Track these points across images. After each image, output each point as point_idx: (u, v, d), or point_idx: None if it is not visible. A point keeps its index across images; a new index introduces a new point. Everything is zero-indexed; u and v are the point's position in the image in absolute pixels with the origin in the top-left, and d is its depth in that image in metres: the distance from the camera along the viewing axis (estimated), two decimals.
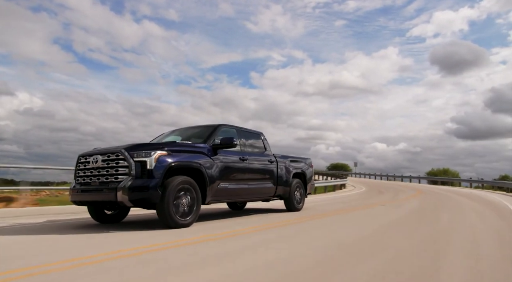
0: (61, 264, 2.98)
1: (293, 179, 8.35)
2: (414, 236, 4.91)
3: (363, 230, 5.42)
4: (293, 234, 4.94)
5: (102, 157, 5.22)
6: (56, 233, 4.93)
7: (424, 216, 7.46)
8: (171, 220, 5.13)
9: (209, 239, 4.36)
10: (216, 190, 5.99)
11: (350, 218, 7.25)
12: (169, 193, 5.07)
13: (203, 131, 6.71)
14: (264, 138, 8.02)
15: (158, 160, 5.10)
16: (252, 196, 7.26)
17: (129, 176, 4.96)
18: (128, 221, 6.48)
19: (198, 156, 5.79)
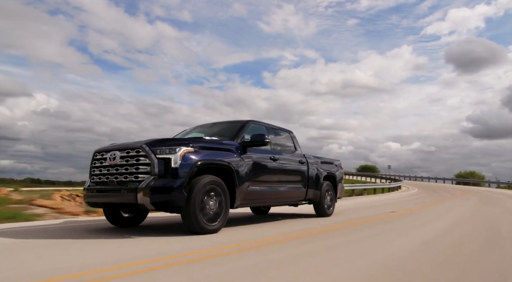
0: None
1: (324, 182, 7.66)
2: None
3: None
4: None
5: (121, 153, 4.64)
6: (71, 237, 4.36)
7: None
8: (198, 225, 4.51)
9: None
10: (246, 193, 5.36)
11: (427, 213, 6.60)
12: (195, 195, 4.46)
13: (230, 128, 6.09)
14: (294, 137, 7.37)
15: (184, 157, 4.50)
16: (282, 200, 6.60)
17: (151, 175, 4.37)
18: (144, 224, 5.90)
19: (227, 153, 5.17)
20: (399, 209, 9.60)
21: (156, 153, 4.44)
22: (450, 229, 5.77)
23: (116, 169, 4.65)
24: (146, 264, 2.94)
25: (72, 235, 4.59)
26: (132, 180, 4.45)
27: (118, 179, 4.59)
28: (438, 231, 5.43)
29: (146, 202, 4.29)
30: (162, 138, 4.82)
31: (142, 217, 5.80)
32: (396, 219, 7.21)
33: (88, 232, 4.93)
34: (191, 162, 4.52)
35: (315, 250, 3.82)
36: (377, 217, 7.53)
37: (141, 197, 4.27)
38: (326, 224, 6.15)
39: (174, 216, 7.19)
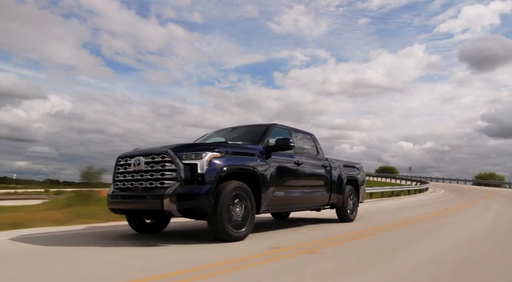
0: None
1: (346, 186, 7.47)
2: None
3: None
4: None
5: (145, 159, 4.54)
6: (99, 244, 4.27)
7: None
8: (224, 232, 4.39)
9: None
10: (271, 198, 5.22)
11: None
12: (222, 201, 4.34)
13: (253, 132, 5.96)
14: (316, 140, 7.21)
15: (210, 162, 4.38)
16: (306, 205, 6.45)
17: (177, 181, 4.25)
18: (166, 231, 5.80)
19: (251, 158, 5.04)
20: (439, 209, 10.95)
21: (182, 158, 4.33)
22: (496, 220, 7.97)
23: (140, 175, 4.55)
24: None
25: (100, 242, 4.50)
26: (157, 186, 4.35)
27: (143, 185, 4.49)
28: (491, 220, 7.83)
29: (173, 209, 4.18)
30: (187, 144, 4.71)
31: (164, 223, 5.69)
32: (448, 215, 9.00)
33: (113, 238, 4.84)
34: (218, 168, 4.40)
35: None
36: (429, 215, 9.07)
37: (168, 204, 4.16)
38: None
39: (194, 222, 7.08)
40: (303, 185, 6.09)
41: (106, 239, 4.77)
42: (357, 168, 8.32)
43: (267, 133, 5.70)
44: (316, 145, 7.09)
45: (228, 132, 6.61)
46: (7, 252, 3.88)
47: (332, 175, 7.00)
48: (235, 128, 6.72)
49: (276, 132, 5.93)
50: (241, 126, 6.65)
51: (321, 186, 6.66)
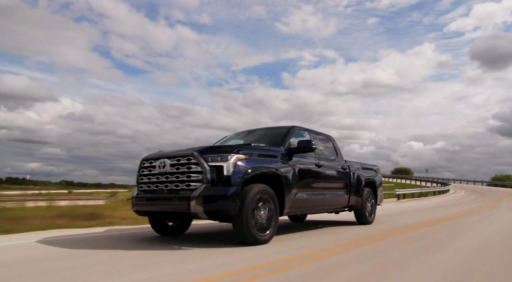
0: None
1: (365, 188, 7.43)
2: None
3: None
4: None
5: (171, 161, 4.55)
6: (124, 247, 4.28)
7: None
8: (250, 235, 4.37)
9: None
10: (293, 200, 5.19)
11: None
12: (248, 204, 4.32)
13: (274, 134, 5.95)
14: (335, 142, 7.18)
15: (236, 165, 4.37)
16: (326, 207, 6.40)
17: (203, 183, 4.25)
18: (188, 233, 5.80)
19: (275, 160, 5.03)
20: (472, 208, 12.60)
21: (208, 160, 4.33)
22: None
23: (166, 177, 4.55)
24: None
25: (128, 244, 4.52)
26: (183, 188, 4.35)
27: (168, 187, 4.50)
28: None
29: (199, 211, 4.17)
30: (212, 146, 4.72)
31: (186, 226, 5.70)
32: (482, 212, 10.67)
33: (139, 241, 4.86)
34: (243, 170, 4.39)
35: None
36: (468, 211, 10.99)
37: (194, 206, 4.16)
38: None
39: (212, 224, 7.08)
40: (323, 187, 6.06)
41: (131, 242, 4.79)
42: (375, 170, 8.26)
43: (288, 135, 5.69)
44: (335, 147, 7.06)
45: (247, 135, 6.61)
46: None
47: (351, 177, 6.96)
48: (254, 130, 6.72)
49: (296, 134, 5.92)
50: (260, 129, 6.64)
51: (340, 188, 6.63)
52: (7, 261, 3.55)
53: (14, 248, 4.35)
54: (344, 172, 6.77)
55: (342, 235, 5.69)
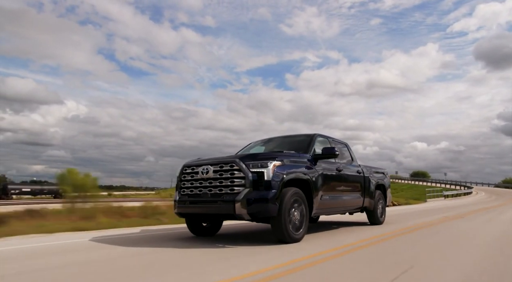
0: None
1: (376, 190, 7.97)
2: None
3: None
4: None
5: (214, 168, 5.01)
6: (176, 246, 4.72)
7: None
8: (287, 234, 4.84)
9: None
10: (320, 202, 5.69)
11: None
12: (285, 206, 4.81)
13: (298, 141, 6.45)
14: (350, 148, 7.71)
15: (275, 171, 4.85)
16: (345, 208, 6.92)
17: (246, 187, 4.72)
18: (219, 234, 6.25)
19: (304, 166, 5.52)
20: (501, 203, 19.40)
21: (250, 167, 4.80)
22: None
23: (209, 182, 5.01)
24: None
25: (172, 244, 4.96)
26: (227, 192, 4.81)
27: (212, 192, 4.95)
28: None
29: (244, 213, 4.64)
30: (252, 154, 5.20)
31: (218, 227, 6.16)
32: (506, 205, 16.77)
33: (178, 240, 5.28)
34: (281, 175, 4.87)
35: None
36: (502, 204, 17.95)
37: (239, 208, 4.62)
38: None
39: (236, 225, 7.53)
40: (343, 189, 6.58)
41: (173, 241, 5.22)
42: (384, 173, 8.81)
43: (312, 142, 6.19)
44: (350, 153, 7.59)
45: (268, 142, 7.12)
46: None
47: (365, 181, 7.49)
48: (275, 138, 7.23)
49: (319, 142, 6.43)
50: (283, 136, 7.14)
51: (357, 190, 7.15)
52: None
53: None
54: (359, 176, 7.30)
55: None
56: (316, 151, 6.08)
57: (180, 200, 5.32)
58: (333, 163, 6.44)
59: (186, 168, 5.40)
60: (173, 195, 5.83)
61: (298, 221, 5.10)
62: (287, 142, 6.76)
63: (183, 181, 5.39)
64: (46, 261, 3.84)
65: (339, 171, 6.45)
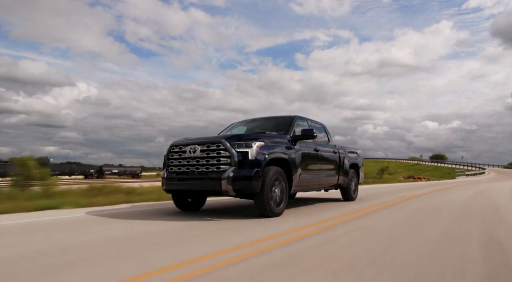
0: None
1: (350, 169, 8.52)
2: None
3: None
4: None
5: (201, 147, 5.32)
6: (163, 219, 5.07)
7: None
8: (268, 209, 5.27)
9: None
10: (298, 180, 6.13)
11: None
12: (267, 183, 5.21)
13: (279, 123, 6.82)
14: (327, 129, 8.16)
15: (258, 151, 5.22)
16: (321, 185, 7.42)
17: (231, 166, 5.08)
18: (205, 209, 6.64)
19: (284, 146, 5.91)
20: (505, 179, 29.28)
21: (235, 147, 5.15)
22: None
23: (197, 160, 5.33)
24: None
25: (167, 217, 5.30)
26: (214, 170, 5.16)
27: (199, 170, 5.29)
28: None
29: (229, 189, 5.02)
30: (237, 134, 5.52)
31: (202, 203, 6.53)
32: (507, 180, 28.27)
33: (169, 214, 5.63)
34: (263, 155, 5.25)
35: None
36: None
37: (225, 185, 5.00)
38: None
39: (219, 201, 7.93)
40: (320, 168, 7.06)
41: (164, 216, 5.56)
42: (358, 153, 9.37)
43: (292, 124, 6.58)
44: (327, 133, 8.05)
45: (251, 123, 7.47)
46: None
47: (340, 160, 8.00)
48: (257, 119, 7.59)
49: (298, 124, 6.83)
50: (263, 118, 7.51)
51: (332, 169, 7.66)
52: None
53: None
54: (335, 155, 7.79)
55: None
56: (296, 132, 6.48)
57: (168, 177, 5.64)
58: (311, 143, 6.87)
59: (174, 147, 5.69)
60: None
61: (278, 197, 5.53)
62: (269, 123, 7.13)
63: (170, 159, 5.69)
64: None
65: (317, 151, 6.90)
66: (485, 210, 6.67)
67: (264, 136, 5.62)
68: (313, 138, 6.48)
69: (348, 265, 2.70)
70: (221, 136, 5.39)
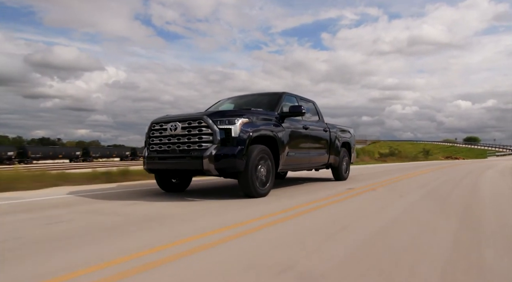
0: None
1: (341, 148, 8.30)
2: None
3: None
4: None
5: (182, 124, 5.05)
6: (153, 199, 4.85)
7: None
8: (253, 189, 5.04)
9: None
10: (286, 159, 5.90)
11: None
12: (252, 162, 4.97)
13: (267, 99, 6.53)
14: (317, 106, 7.89)
15: (242, 127, 4.95)
16: (310, 165, 7.20)
17: (213, 144, 4.83)
18: (190, 189, 6.42)
19: (271, 123, 5.65)
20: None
21: (217, 123, 4.87)
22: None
23: (178, 138, 5.07)
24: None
25: (154, 198, 5.08)
26: (195, 149, 4.90)
27: (180, 148, 5.03)
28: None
29: (211, 168, 4.77)
30: (219, 111, 5.24)
31: (187, 183, 6.30)
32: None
33: (155, 195, 5.41)
34: (248, 132, 4.98)
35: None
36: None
37: (207, 163, 4.75)
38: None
39: (203, 182, 7.72)
40: (309, 146, 6.82)
41: (150, 196, 5.34)
42: (350, 132, 9.14)
43: (280, 101, 6.29)
44: (318, 111, 7.78)
45: (239, 99, 7.16)
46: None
47: (331, 138, 7.77)
48: (245, 95, 7.29)
49: (287, 100, 6.54)
50: (251, 94, 7.21)
51: (323, 147, 7.43)
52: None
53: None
54: (325, 134, 7.55)
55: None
56: (284, 109, 6.21)
57: (149, 156, 5.38)
58: (300, 121, 6.61)
59: (154, 124, 5.41)
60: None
61: (264, 176, 5.30)
62: (256, 100, 6.83)
63: (151, 137, 5.42)
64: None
65: (306, 129, 6.65)
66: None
67: (249, 113, 5.35)
68: (301, 115, 6.22)
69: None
70: (203, 113, 5.11)
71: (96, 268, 2.00)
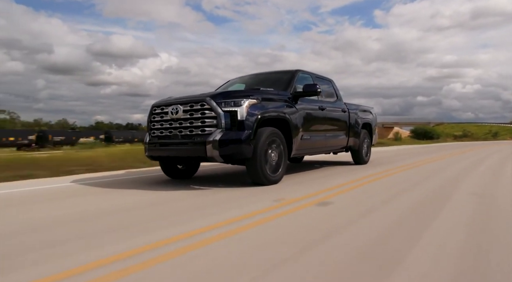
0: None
1: (362, 130, 7.72)
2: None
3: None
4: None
5: (184, 107, 4.61)
6: (158, 188, 4.49)
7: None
8: (263, 176, 4.60)
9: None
10: (300, 142, 5.42)
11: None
12: (260, 147, 4.51)
13: (279, 78, 5.99)
14: (335, 85, 7.29)
15: (249, 109, 4.47)
16: (328, 148, 6.69)
17: (218, 128, 4.38)
18: (197, 176, 6.04)
19: (283, 104, 5.15)
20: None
21: (221, 106, 4.41)
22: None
23: (179, 122, 4.64)
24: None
25: (157, 186, 4.73)
26: (198, 134, 4.47)
27: (182, 133, 4.61)
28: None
29: (216, 155, 4.34)
30: (225, 91, 4.77)
31: (194, 169, 5.91)
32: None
33: (158, 183, 5.06)
34: (256, 114, 4.51)
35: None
36: None
37: (211, 150, 4.31)
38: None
39: (211, 168, 7.34)
40: (326, 129, 6.29)
41: (151, 184, 4.99)
42: (371, 112, 8.51)
43: (293, 79, 5.75)
44: (335, 90, 7.19)
45: (250, 79, 6.64)
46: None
47: (350, 119, 7.19)
48: (257, 74, 6.75)
49: (301, 78, 5.99)
50: (264, 73, 6.67)
51: (341, 129, 6.88)
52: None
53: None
54: (344, 114, 6.98)
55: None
56: (298, 88, 5.67)
57: (150, 142, 5.00)
58: (315, 101, 6.06)
59: (155, 108, 5.00)
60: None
61: (275, 162, 4.84)
62: (268, 79, 6.29)
63: (152, 121, 5.02)
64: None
65: (322, 110, 6.11)
66: None
67: (258, 93, 4.85)
68: (317, 94, 5.66)
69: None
70: (206, 94, 4.64)
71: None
